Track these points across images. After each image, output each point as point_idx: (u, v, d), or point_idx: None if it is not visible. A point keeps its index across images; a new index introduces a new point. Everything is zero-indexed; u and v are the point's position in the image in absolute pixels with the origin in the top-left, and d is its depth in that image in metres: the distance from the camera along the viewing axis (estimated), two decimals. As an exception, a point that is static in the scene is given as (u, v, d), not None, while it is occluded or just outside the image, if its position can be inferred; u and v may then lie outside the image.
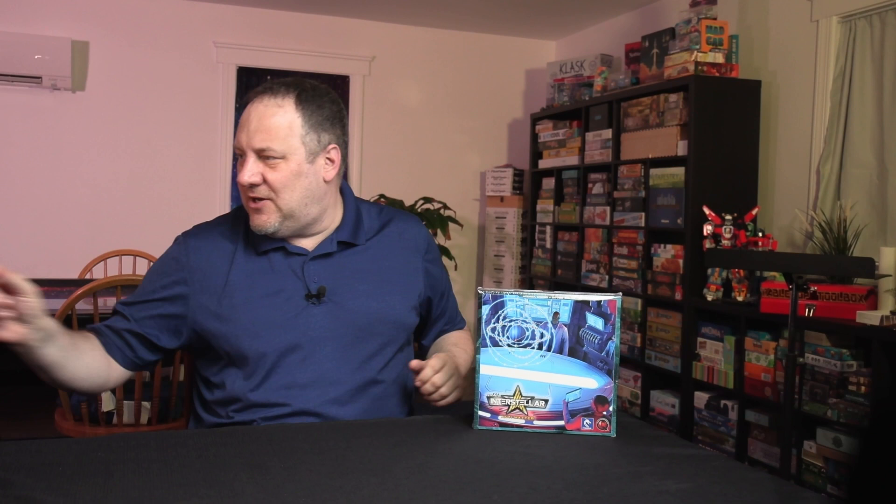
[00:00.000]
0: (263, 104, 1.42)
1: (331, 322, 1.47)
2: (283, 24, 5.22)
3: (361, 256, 1.54)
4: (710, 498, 1.03)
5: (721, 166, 3.63)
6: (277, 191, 1.42)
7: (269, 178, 1.41)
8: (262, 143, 1.40)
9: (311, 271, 1.49)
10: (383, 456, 1.15)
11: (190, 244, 1.51)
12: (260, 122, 1.40)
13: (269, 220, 1.44)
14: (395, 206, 4.90)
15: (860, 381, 2.75)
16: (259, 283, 1.47)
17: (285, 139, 1.40)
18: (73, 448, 1.14)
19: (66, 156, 4.83)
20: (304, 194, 1.44)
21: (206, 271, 1.48)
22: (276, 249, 1.49)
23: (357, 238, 1.54)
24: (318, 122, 1.44)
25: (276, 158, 1.40)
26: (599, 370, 1.28)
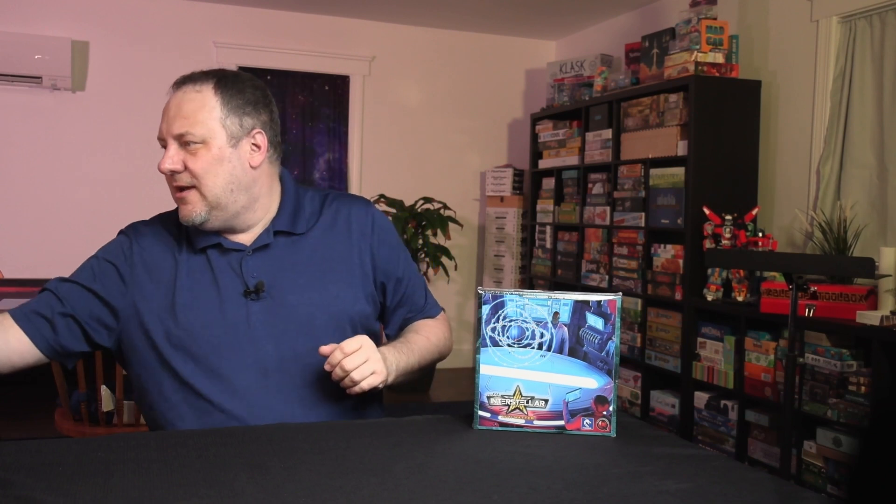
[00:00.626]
0: (182, 91, 1.40)
1: (270, 318, 1.41)
2: (283, 24, 5.22)
3: (302, 246, 1.48)
4: (710, 498, 1.03)
5: (721, 166, 3.63)
6: (199, 177, 1.38)
7: (191, 164, 1.38)
8: (181, 129, 1.38)
9: (250, 266, 1.44)
10: (383, 456, 1.15)
11: (136, 240, 1.49)
12: (179, 109, 1.39)
13: (194, 209, 1.40)
14: (395, 206, 4.94)
15: (860, 381, 2.75)
16: (199, 282, 1.43)
17: (204, 123, 1.38)
18: (73, 448, 1.14)
19: (66, 156, 4.83)
20: (229, 180, 1.40)
21: (150, 269, 1.45)
22: (213, 246, 1.45)
23: (296, 227, 1.48)
24: (239, 105, 1.41)
25: (196, 143, 1.38)
26: (599, 370, 1.28)
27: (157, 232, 1.50)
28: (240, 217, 1.44)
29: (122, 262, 1.47)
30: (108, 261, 1.48)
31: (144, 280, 1.44)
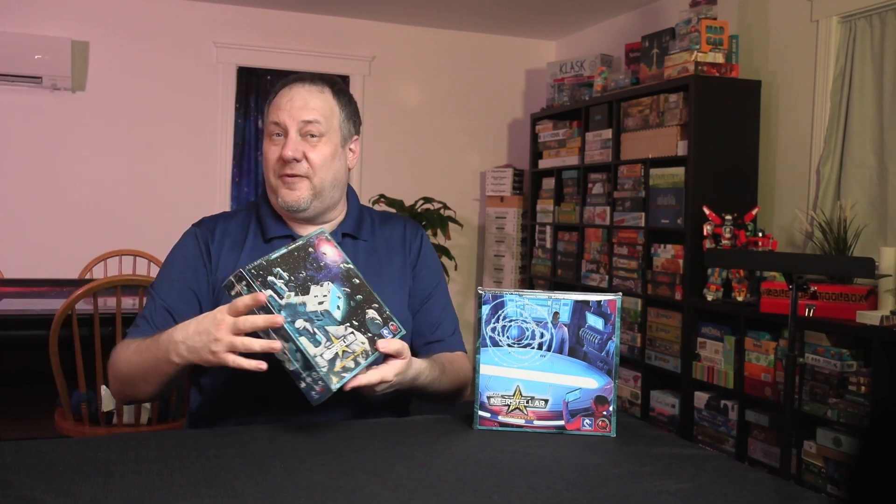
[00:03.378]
0: (305, 88, 1.50)
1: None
2: (283, 24, 5.22)
3: (363, 252, 1.58)
4: (710, 498, 1.03)
5: (721, 166, 3.63)
6: (316, 168, 1.48)
7: (310, 155, 1.48)
8: (311, 116, 1.47)
9: None
10: (383, 456, 1.15)
11: (205, 232, 1.55)
12: (305, 101, 1.48)
13: (301, 196, 1.49)
14: (395, 206, 4.94)
15: (860, 381, 2.75)
16: None
17: (329, 120, 1.50)
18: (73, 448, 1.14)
19: (66, 156, 4.83)
20: (335, 176, 1.52)
21: (219, 258, 1.52)
22: (284, 237, 1.53)
23: (360, 233, 1.59)
24: (350, 113, 1.56)
25: (317, 136, 1.48)
26: (599, 370, 1.28)
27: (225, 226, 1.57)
28: (328, 212, 1.56)
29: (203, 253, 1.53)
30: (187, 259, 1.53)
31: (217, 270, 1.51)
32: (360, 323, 1.29)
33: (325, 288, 1.28)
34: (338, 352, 1.23)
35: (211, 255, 1.52)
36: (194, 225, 1.58)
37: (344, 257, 1.35)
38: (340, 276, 1.32)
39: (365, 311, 1.31)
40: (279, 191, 1.50)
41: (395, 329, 1.32)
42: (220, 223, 1.57)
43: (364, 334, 1.28)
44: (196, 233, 1.55)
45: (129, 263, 4.28)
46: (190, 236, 1.56)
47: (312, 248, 1.31)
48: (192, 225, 1.58)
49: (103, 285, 2.41)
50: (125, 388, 1.42)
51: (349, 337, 1.26)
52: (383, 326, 1.31)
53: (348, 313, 1.28)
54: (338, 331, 1.25)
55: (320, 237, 1.34)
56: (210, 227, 1.56)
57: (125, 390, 1.44)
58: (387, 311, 1.33)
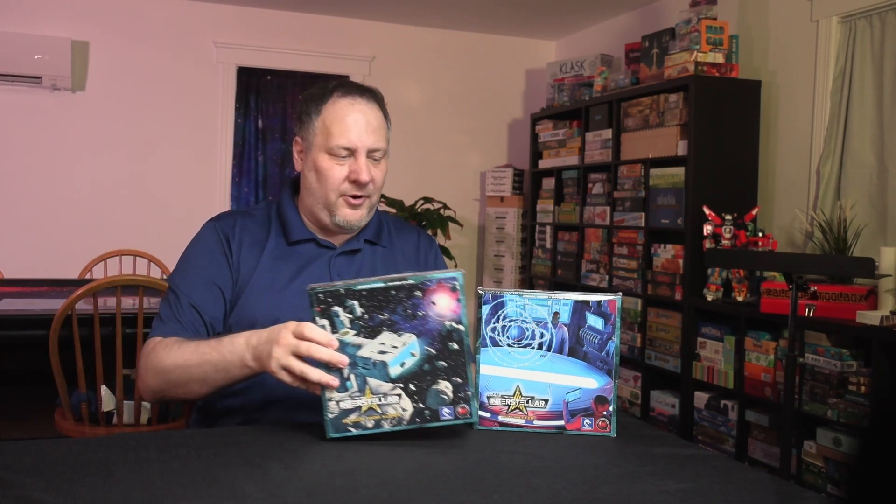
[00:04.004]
0: (367, 106, 1.50)
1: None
2: (283, 24, 5.22)
3: (381, 257, 1.60)
4: (710, 498, 1.03)
5: (721, 166, 3.63)
6: (379, 187, 1.54)
7: (376, 175, 1.52)
8: (377, 144, 1.50)
9: (337, 265, 1.55)
10: (383, 456, 1.15)
11: (225, 229, 1.54)
12: (369, 124, 1.49)
13: (363, 214, 1.53)
14: (395, 206, 4.94)
15: (860, 381, 2.75)
16: (285, 270, 1.52)
17: (385, 139, 1.53)
18: (73, 448, 1.14)
19: (66, 156, 4.83)
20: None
21: (239, 254, 1.52)
22: (307, 241, 1.55)
23: (380, 239, 1.62)
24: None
25: (381, 158, 1.52)
26: (599, 370, 1.28)
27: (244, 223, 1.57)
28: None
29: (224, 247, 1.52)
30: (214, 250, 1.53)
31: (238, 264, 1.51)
32: (417, 389, 1.18)
33: (401, 339, 1.17)
34: (361, 406, 1.18)
35: (231, 249, 1.52)
36: (212, 220, 1.58)
37: (459, 316, 1.18)
38: (436, 333, 1.18)
39: (436, 381, 1.18)
40: (339, 209, 1.51)
41: (462, 412, 1.19)
42: (238, 220, 1.57)
43: (414, 402, 1.19)
44: (215, 227, 1.55)
45: (129, 263, 4.28)
46: (209, 230, 1.55)
47: (420, 293, 1.17)
48: (209, 220, 1.58)
49: (103, 285, 2.40)
50: (173, 388, 1.39)
51: (390, 397, 1.18)
52: (449, 405, 1.19)
53: (411, 375, 1.18)
54: (381, 387, 1.18)
55: (443, 283, 1.18)
56: (229, 222, 1.56)
57: (172, 391, 1.40)
58: (468, 392, 1.19)
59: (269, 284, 1.49)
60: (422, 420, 1.19)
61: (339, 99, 1.49)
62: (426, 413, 1.19)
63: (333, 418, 1.19)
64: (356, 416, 1.19)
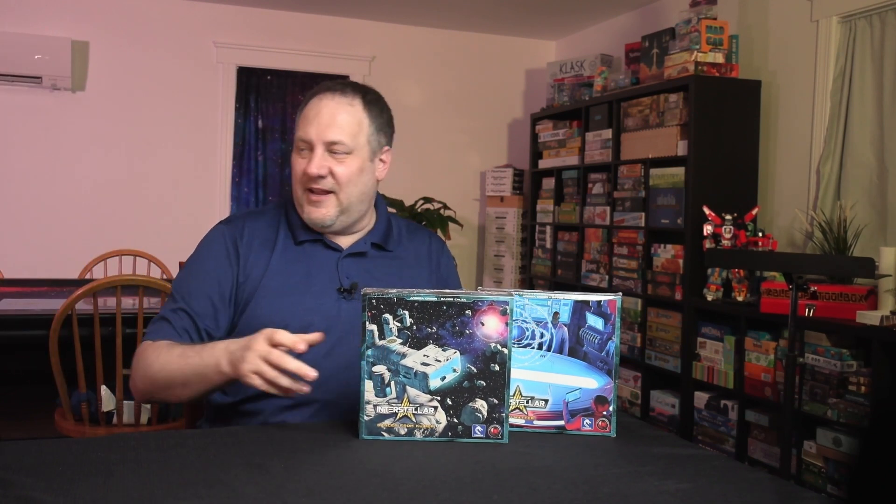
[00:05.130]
0: (335, 101, 1.48)
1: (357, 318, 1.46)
2: (283, 24, 5.22)
3: (389, 261, 1.60)
4: (710, 498, 1.03)
5: (721, 166, 3.63)
6: (342, 185, 1.48)
7: (336, 171, 1.48)
8: (336, 136, 1.46)
9: (345, 267, 1.54)
10: (383, 456, 1.15)
11: (234, 231, 1.55)
12: (332, 117, 1.47)
13: (327, 213, 1.50)
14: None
15: (860, 381, 2.75)
16: (295, 272, 1.51)
17: (355, 136, 1.48)
18: (73, 448, 1.14)
19: (66, 156, 4.83)
20: (362, 191, 1.53)
21: (248, 258, 1.52)
22: (315, 241, 1.55)
23: (388, 243, 1.60)
24: (381, 125, 1.54)
25: (344, 153, 1.48)
26: (599, 370, 1.28)
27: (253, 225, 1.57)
28: (354, 224, 1.56)
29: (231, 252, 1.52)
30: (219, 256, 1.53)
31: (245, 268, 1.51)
32: (453, 404, 1.21)
33: (445, 353, 1.20)
34: (397, 413, 1.20)
35: (239, 254, 1.52)
36: (222, 222, 1.58)
37: (505, 339, 1.20)
38: (480, 352, 1.20)
39: (472, 399, 1.21)
40: (304, 206, 1.51)
41: (494, 433, 1.21)
42: (248, 222, 1.57)
43: (448, 416, 1.21)
44: (224, 230, 1.55)
45: (129, 263, 4.28)
46: (217, 234, 1.55)
47: (471, 312, 1.19)
48: (220, 222, 1.59)
49: (103, 285, 2.40)
50: (159, 391, 1.42)
51: (426, 409, 1.21)
52: (482, 423, 1.21)
53: (449, 389, 1.20)
54: (419, 397, 1.20)
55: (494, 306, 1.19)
56: (238, 225, 1.56)
57: (158, 394, 1.43)
58: (502, 414, 1.21)
59: (279, 288, 1.49)
60: (454, 434, 1.22)
61: (315, 96, 1.50)
62: (459, 428, 1.22)
63: (369, 421, 1.21)
64: (390, 422, 1.21)
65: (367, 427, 1.21)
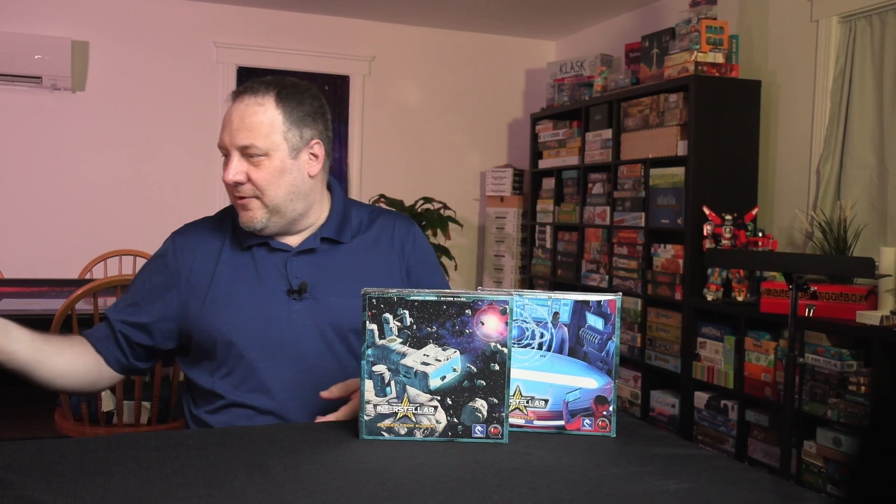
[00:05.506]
0: (244, 103, 1.43)
1: (311, 319, 1.46)
2: (283, 24, 5.22)
3: (345, 254, 1.54)
4: (710, 498, 1.03)
5: (721, 166, 3.63)
6: (262, 188, 1.43)
7: (254, 176, 1.42)
8: (246, 141, 1.41)
9: (294, 267, 1.49)
10: (383, 456, 1.15)
11: (178, 243, 1.54)
12: (242, 121, 1.42)
13: (255, 216, 1.45)
14: (395, 206, 4.93)
15: (860, 381, 2.75)
16: (242, 279, 1.48)
17: (267, 136, 1.41)
18: (73, 448, 1.14)
19: (66, 156, 4.83)
20: (290, 190, 1.45)
21: (192, 269, 1.50)
22: (260, 245, 1.51)
23: (342, 235, 1.54)
24: (300, 117, 1.45)
25: (260, 156, 1.42)
26: (599, 370, 1.28)
27: (201, 234, 1.56)
28: (295, 223, 1.51)
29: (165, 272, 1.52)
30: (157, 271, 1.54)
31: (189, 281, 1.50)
32: (454, 404, 1.20)
33: (445, 353, 1.20)
34: (397, 412, 1.20)
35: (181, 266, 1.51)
36: (173, 233, 1.58)
37: (505, 338, 1.20)
38: (480, 352, 1.20)
39: (472, 398, 1.20)
40: (237, 211, 1.48)
41: (494, 433, 1.21)
42: (199, 229, 1.56)
43: (448, 416, 1.21)
44: (170, 244, 1.55)
45: (129, 263, 4.28)
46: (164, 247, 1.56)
47: (470, 311, 1.19)
48: (172, 233, 1.58)
49: (103, 285, 2.41)
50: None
51: (426, 408, 1.20)
52: (482, 423, 1.21)
53: (449, 389, 1.20)
54: (419, 396, 1.20)
55: (494, 305, 1.19)
56: (184, 235, 1.55)
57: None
58: (502, 413, 1.21)
59: (226, 297, 1.47)
60: (454, 434, 1.21)
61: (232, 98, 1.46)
62: (459, 428, 1.21)
63: (369, 421, 1.21)
64: (390, 422, 1.21)
65: (367, 427, 1.21)
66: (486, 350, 1.20)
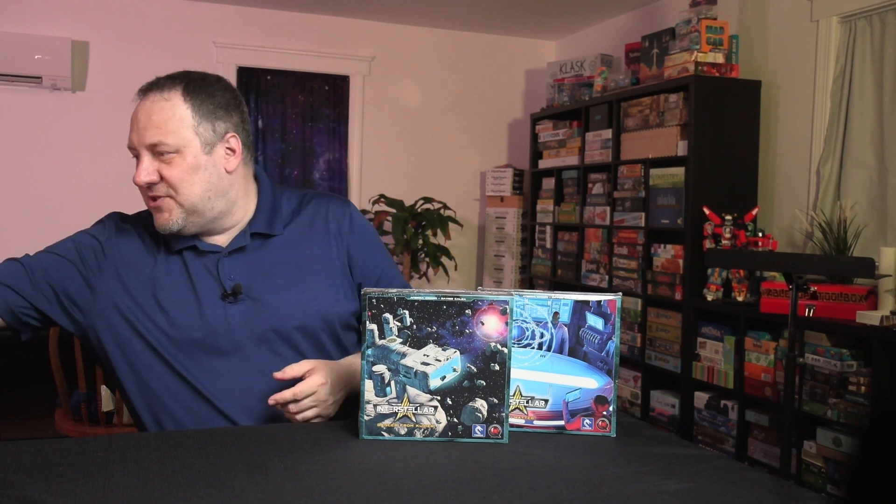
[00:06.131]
0: (150, 100, 1.36)
1: (250, 321, 1.40)
2: (283, 24, 5.22)
3: (279, 247, 1.46)
4: (710, 498, 1.03)
5: (721, 166, 3.63)
6: (176, 187, 1.36)
7: (166, 174, 1.36)
8: (154, 138, 1.34)
9: (227, 269, 1.43)
10: (383, 456, 1.15)
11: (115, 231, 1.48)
12: (149, 118, 1.35)
13: (170, 218, 1.38)
14: (395, 206, 4.93)
15: (860, 381, 2.75)
16: (176, 284, 1.42)
17: (176, 132, 1.35)
18: (73, 448, 1.14)
19: (66, 156, 4.83)
20: (206, 188, 1.38)
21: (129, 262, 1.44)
22: (189, 248, 1.44)
23: (273, 228, 1.46)
24: (210, 110, 1.38)
25: (170, 153, 1.35)
26: (599, 370, 1.28)
27: (137, 228, 1.49)
28: (217, 221, 1.43)
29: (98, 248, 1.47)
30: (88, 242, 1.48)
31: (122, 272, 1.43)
32: (454, 404, 1.20)
33: (445, 353, 1.20)
34: (397, 412, 1.20)
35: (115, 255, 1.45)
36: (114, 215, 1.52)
37: (505, 338, 1.20)
38: (480, 352, 1.20)
39: (472, 398, 1.20)
40: (153, 215, 1.41)
41: (494, 433, 1.21)
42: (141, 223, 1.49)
43: (448, 416, 1.21)
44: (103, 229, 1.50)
45: (129, 263, 4.28)
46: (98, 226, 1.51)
47: (470, 311, 1.19)
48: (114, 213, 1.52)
49: (103, 285, 2.40)
50: None
51: (427, 408, 1.20)
52: (482, 423, 1.21)
53: (449, 389, 1.20)
54: (419, 396, 1.20)
55: (494, 305, 1.19)
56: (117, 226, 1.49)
57: None
58: (502, 414, 1.20)
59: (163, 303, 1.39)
60: (454, 434, 1.21)
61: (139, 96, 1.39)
62: (459, 428, 1.21)
63: (369, 421, 1.21)
64: (390, 422, 1.21)
65: (367, 427, 1.21)
66: (486, 350, 1.20)
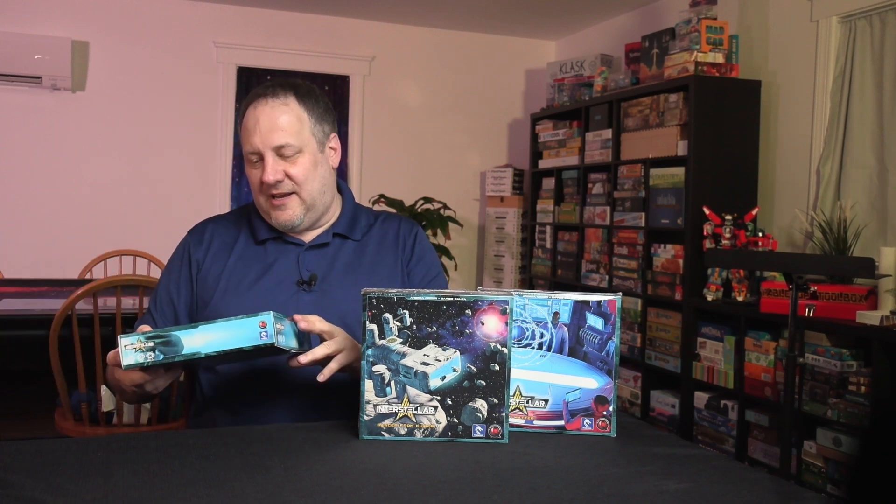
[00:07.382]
0: (269, 106, 1.49)
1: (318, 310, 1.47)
2: (283, 24, 5.22)
3: (354, 250, 1.60)
4: (710, 498, 1.03)
5: (721, 166, 3.63)
6: (301, 183, 1.50)
7: (292, 172, 1.49)
8: (281, 140, 1.47)
9: (306, 260, 1.56)
10: (383, 456, 1.15)
11: (193, 240, 1.61)
12: (272, 122, 1.47)
13: (294, 214, 1.52)
14: (395, 206, 4.93)
15: (860, 381, 2.75)
16: (253, 270, 1.54)
17: (299, 133, 1.49)
18: (73, 448, 1.14)
19: (66, 156, 4.83)
20: (322, 182, 1.54)
21: (206, 263, 1.57)
22: (275, 239, 1.57)
23: (353, 233, 1.61)
24: (320, 114, 1.54)
25: (295, 153, 1.49)
26: (599, 370, 1.28)
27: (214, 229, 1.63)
28: (321, 217, 1.58)
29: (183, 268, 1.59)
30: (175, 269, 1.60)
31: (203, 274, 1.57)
32: (454, 404, 1.21)
33: (445, 353, 1.20)
34: (397, 412, 1.21)
35: (192, 261, 1.57)
36: (188, 232, 1.64)
37: (504, 339, 1.20)
38: (480, 352, 1.20)
39: (472, 399, 1.21)
40: (271, 213, 1.53)
41: (494, 433, 1.22)
42: (209, 227, 1.63)
43: (448, 416, 1.21)
44: (185, 243, 1.62)
45: (129, 263, 4.28)
46: (179, 246, 1.62)
47: (470, 311, 1.20)
48: (188, 232, 1.64)
49: (103, 285, 2.40)
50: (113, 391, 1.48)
51: (426, 408, 1.21)
52: (482, 423, 1.21)
53: (449, 389, 1.21)
54: (419, 397, 1.20)
55: (494, 305, 1.20)
56: (199, 233, 1.62)
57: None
58: (502, 414, 1.21)
59: (235, 286, 1.52)
60: (454, 434, 1.22)
61: (249, 106, 1.51)
62: (459, 428, 1.22)
63: (369, 421, 1.21)
64: (390, 422, 1.21)
65: (367, 427, 1.21)
66: (486, 350, 1.21)
